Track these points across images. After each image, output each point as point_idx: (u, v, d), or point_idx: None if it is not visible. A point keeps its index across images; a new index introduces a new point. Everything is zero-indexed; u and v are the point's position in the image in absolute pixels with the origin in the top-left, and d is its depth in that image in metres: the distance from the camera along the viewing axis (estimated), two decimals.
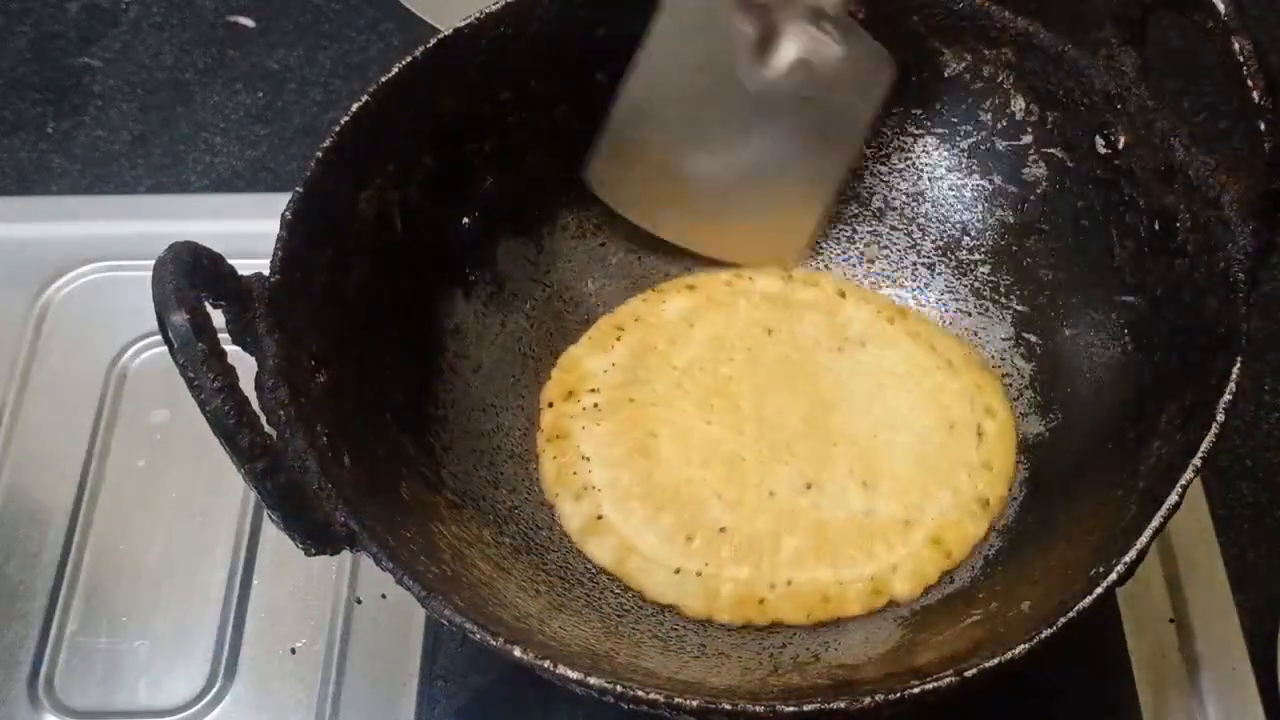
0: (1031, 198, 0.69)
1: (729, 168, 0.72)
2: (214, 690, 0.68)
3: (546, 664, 0.52)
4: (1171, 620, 0.69)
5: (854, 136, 0.72)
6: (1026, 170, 0.69)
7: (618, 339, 0.71)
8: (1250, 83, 0.56)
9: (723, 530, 0.65)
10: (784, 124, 0.71)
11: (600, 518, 0.65)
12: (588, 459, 0.67)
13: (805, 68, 0.69)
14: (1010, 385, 0.70)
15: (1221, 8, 0.56)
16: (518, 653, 0.52)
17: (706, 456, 0.67)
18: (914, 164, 0.73)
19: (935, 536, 0.65)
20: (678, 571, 0.64)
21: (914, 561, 0.64)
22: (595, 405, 0.69)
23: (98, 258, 0.81)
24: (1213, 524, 0.72)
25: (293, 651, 0.68)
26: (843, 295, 0.72)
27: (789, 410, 0.68)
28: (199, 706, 0.67)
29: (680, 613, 0.64)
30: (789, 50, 0.69)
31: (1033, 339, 0.69)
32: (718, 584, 0.63)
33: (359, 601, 0.70)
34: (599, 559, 0.65)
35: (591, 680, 0.52)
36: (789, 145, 0.72)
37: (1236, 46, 0.56)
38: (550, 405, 0.69)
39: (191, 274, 0.52)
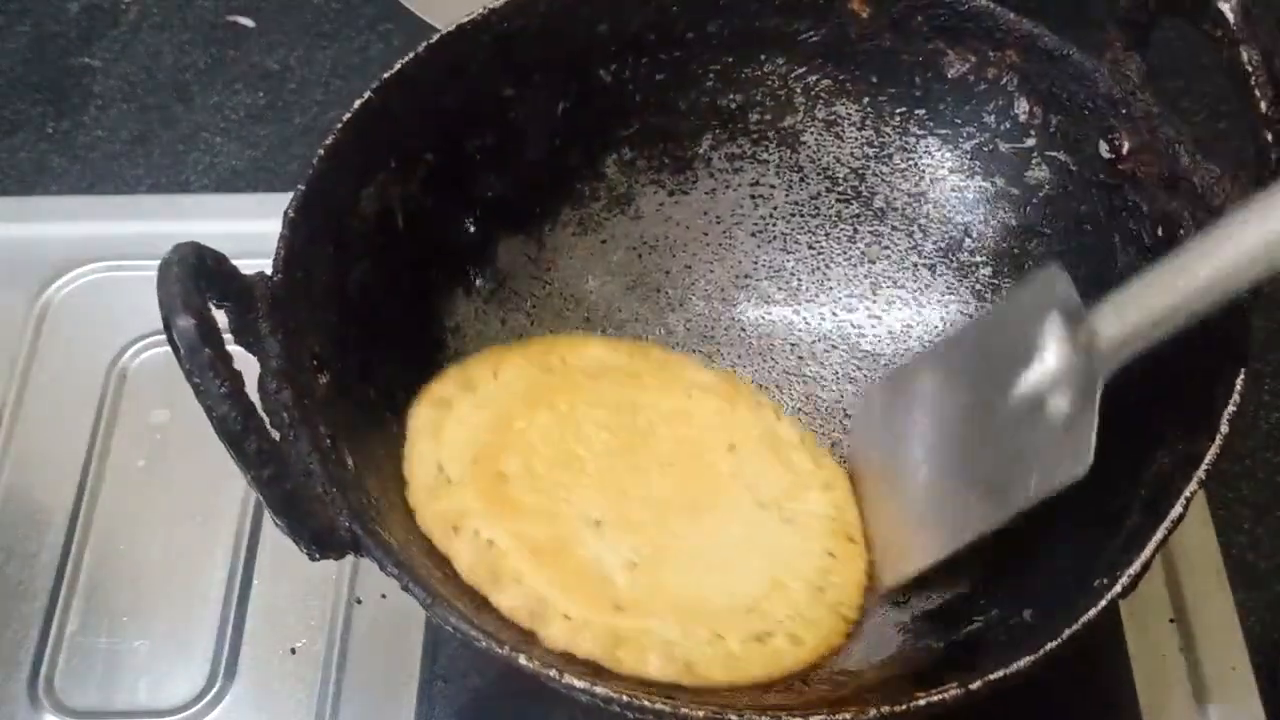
0: (1034, 201, 0.69)
1: (894, 457, 0.68)
2: (214, 690, 0.68)
3: (552, 672, 0.52)
4: (1171, 620, 0.69)
5: (1009, 505, 0.61)
6: (1029, 173, 0.69)
7: (630, 355, 0.71)
8: (1258, 93, 0.55)
9: (501, 475, 0.62)
10: (969, 451, 0.65)
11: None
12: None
13: (1030, 409, 0.60)
14: None
15: (1231, 17, 0.55)
16: (523, 660, 0.52)
17: (555, 440, 0.65)
18: (916, 165, 0.72)
19: (614, 632, 0.58)
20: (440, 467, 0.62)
21: (575, 625, 0.58)
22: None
23: (98, 258, 0.81)
24: (1213, 524, 0.72)
25: (293, 651, 0.68)
26: (829, 488, 0.68)
27: (662, 484, 0.65)
28: (199, 706, 0.67)
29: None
30: (1031, 390, 0.60)
31: None
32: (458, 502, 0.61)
33: (359, 602, 0.70)
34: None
35: (598, 689, 0.51)
36: (959, 475, 0.65)
37: (1245, 56, 0.55)
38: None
39: (196, 275, 0.52)
